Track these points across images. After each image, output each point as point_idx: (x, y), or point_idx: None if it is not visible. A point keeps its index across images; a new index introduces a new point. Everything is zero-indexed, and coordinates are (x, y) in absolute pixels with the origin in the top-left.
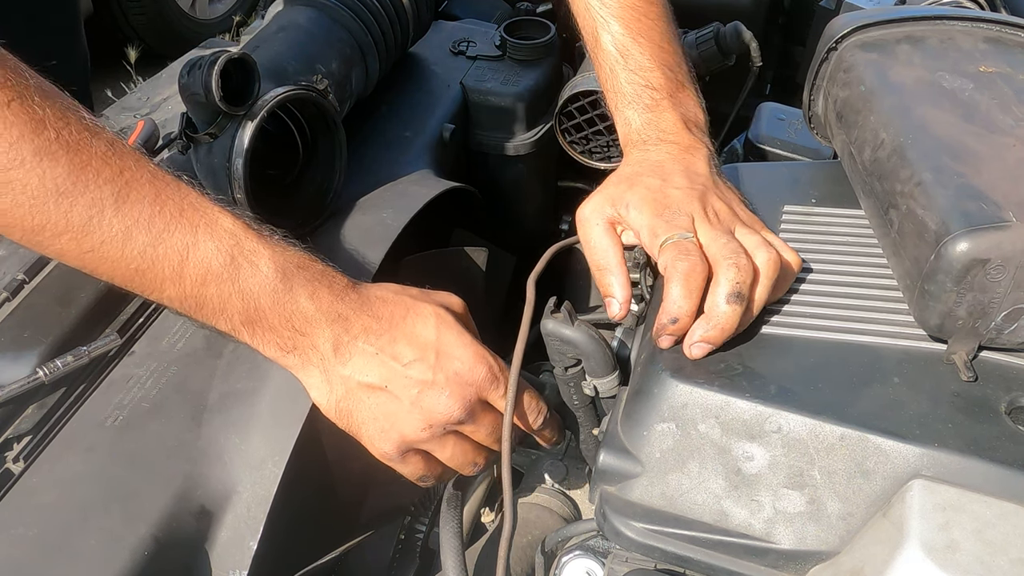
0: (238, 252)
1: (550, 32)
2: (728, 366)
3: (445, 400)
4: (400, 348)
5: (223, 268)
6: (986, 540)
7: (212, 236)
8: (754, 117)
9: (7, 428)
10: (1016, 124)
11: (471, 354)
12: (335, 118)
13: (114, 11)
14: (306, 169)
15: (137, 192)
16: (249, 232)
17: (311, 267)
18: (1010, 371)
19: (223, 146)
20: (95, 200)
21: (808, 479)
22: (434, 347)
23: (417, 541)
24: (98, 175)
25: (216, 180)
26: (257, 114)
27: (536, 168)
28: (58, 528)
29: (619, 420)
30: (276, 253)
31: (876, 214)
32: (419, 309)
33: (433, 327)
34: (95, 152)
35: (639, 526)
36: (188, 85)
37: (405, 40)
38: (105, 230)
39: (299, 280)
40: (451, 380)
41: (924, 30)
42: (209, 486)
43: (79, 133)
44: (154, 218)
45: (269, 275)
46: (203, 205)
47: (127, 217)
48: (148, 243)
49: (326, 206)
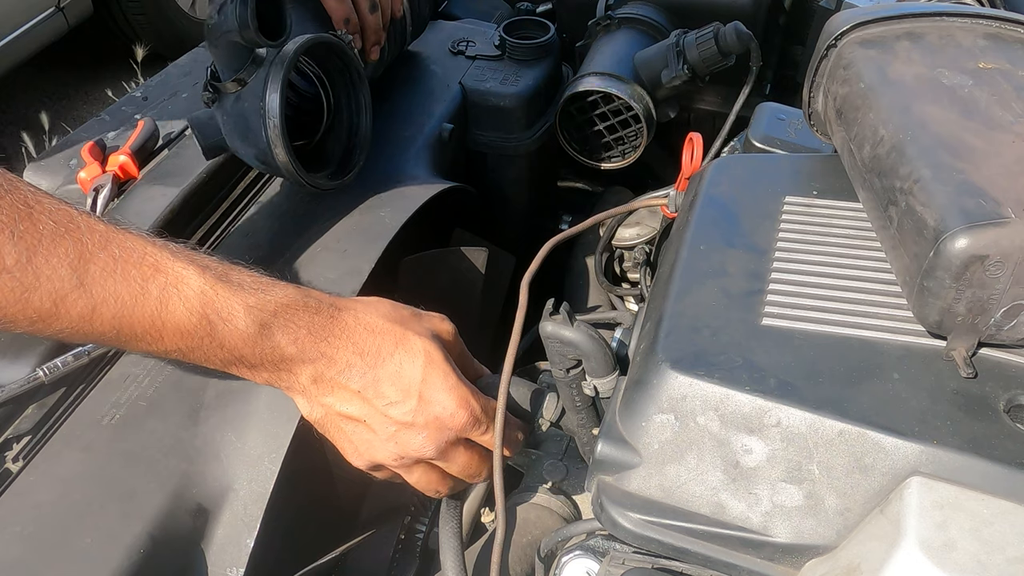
0: (211, 311)
1: (550, 32)
2: (728, 358)
3: (421, 440)
4: (383, 388)
5: (198, 328)
6: (983, 539)
7: (181, 299)
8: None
9: (7, 428)
10: (1015, 120)
11: (454, 399)
12: (359, 69)
13: (114, 11)
14: (331, 129)
15: (95, 265)
16: (218, 287)
17: (289, 310)
18: (1009, 369)
19: (253, 90)
20: (55, 286)
21: (806, 473)
22: (417, 390)
23: (417, 541)
24: (50, 258)
25: (248, 126)
26: (290, 52)
27: (535, 168)
28: (55, 527)
29: (617, 410)
30: (250, 306)
31: (875, 210)
32: (408, 345)
33: (420, 367)
34: (42, 231)
35: (636, 517)
36: (219, 24)
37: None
38: (72, 312)
39: (277, 326)
40: (430, 424)
41: (923, 27)
42: (206, 484)
43: (20, 212)
44: (118, 292)
45: (246, 328)
46: (165, 264)
47: (92, 296)
48: (117, 316)
49: (355, 160)
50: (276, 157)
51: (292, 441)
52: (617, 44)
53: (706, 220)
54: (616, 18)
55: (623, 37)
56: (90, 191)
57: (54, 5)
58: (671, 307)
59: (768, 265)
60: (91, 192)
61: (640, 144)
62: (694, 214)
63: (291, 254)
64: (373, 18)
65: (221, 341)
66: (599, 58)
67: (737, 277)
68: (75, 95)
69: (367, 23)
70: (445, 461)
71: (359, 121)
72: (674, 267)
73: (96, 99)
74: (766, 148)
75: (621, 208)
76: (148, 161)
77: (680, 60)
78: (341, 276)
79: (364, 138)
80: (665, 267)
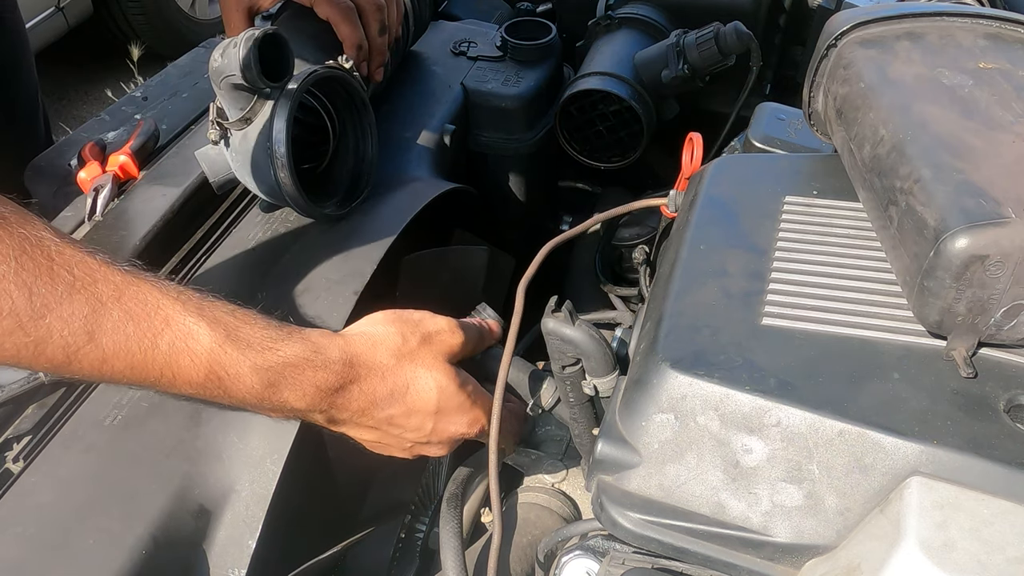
0: (220, 369)
1: (551, 33)
2: (728, 358)
3: (435, 450)
4: (398, 421)
5: (207, 381)
6: (983, 539)
7: (191, 357)
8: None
9: (7, 428)
10: (1016, 120)
11: (467, 420)
12: (363, 97)
13: (114, 11)
14: (336, 154)
15: (108, 320)
16: (226, 345)
17: (296, 370)
18: (1009, 368)
19: (259, 129)
20: (68, 343)
21: (806, 473)
22: (432, 420)
23: (417, 541)
24: (62, 312)
25: (255, 165)
26: (293, 91)
27: (536, 168)
28: (57, 528)
29: (617, 410)
30: (257, 366)
31: (875, 210)
32: (419, 383)
33: (434, 400)
34: (58, 289)
35: (636, 516)
36: (222, 68)
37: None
38: (84, 363)
39: (285, 385)
40: (444, 442)
41: (924, 26)
42: (208, 485)
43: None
44: (130, 345)
45: (254, 386)
46: (175, 320)
47: (103, 350)
48: (130, 367)
49: (362, 187)
50: (286, 194)
51: (294, 442)
52: (617, 44)
53: (706, 220)
54: (616, 18)
55: (623, 37)
56: (90, 191)
57: (54, 5)
58: (671, 307)
59: (768, 265)
60: (91, 192)
61: (640, 144)
62: (694, 214)
63: (292, 255)
64: (381, 40)
65: (230, 393)
66: (599, 58)
67: (737, 277)
68: (75, 95)
69: (375, 46)
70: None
71: (365, 146)
72: (674, 267)
73: (96, 99)
74: (766, 148)
75: (621, 208)
76: (148, 161)
77: (680, 60)
78: (343, 277)
79: (371, 163)
80: (665, 267)
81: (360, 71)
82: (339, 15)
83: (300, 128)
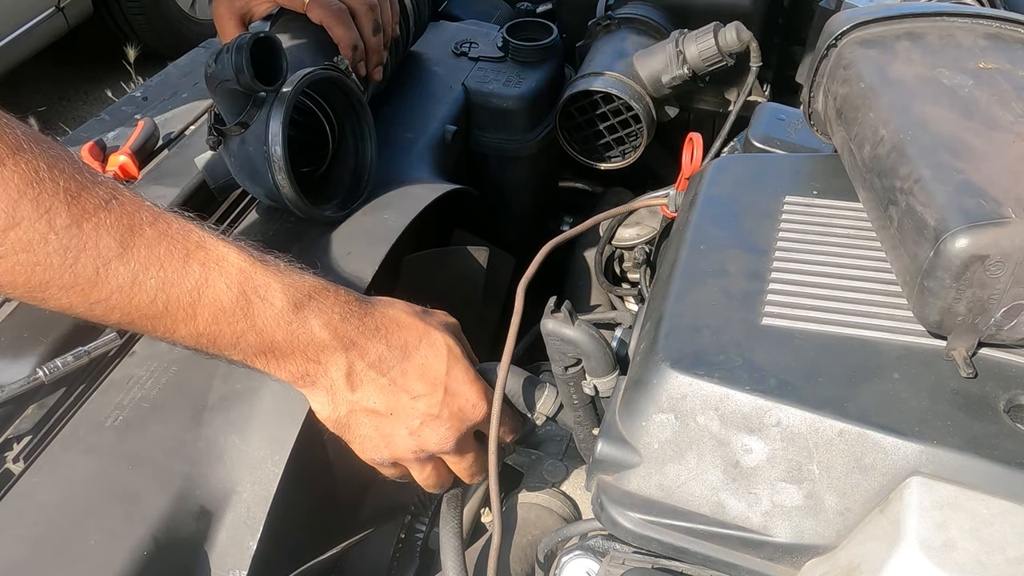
0: (249, 288)
1: (552, 34)
2: (728, 358)
3: (443, 433)
4: (411, 381)
5: (235, 305)
6: (983, 539)
7: (222, 274)
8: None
9: (7, 428)
10: (1015, 120)
11: (476, 392)
12: (360, 98)
13: (114, 11)
14: (336, 156)
15: (141, 238)
16: (257, 265)
17: (323, 294)
18: (1009, 368)
19: (256, 133)
20: (100, 252)
21: (806, 473)
22: (443, 383)
23: (417, 541)
24: (100, 225)
25: (253, 169)
26: (288, 94)
27: (537, 169)
28: (58, 528)
29: (617, 410)
30: (287, 284)
31: (875, 210)
32: (431, 339)
33: (444, 362)
34: (95, 201)
35: (636, 516)
36: (217, 73)
37: (407, 36)
38: (112, 281)
39: (312, 309)
40: (453, 415)
41: (924, 26)
42: (209, 486)
43: (76, 182)
44: (162, 263)
45: (282, 308)
46: (209, 243)
47: (134, 265)
48: (158, 288)
49: (363, 189)
50: (285, 197)
51: (296, 444)
52: (617, 44)
53: (706, 220)
54: (616, 18)
55: (623, 37)
56: None
57: (54, 5)
58: (671, 307)
59: (768, 265)
60: None
61: (640, 144)
62: (694, 214)
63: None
64: (376, 40)
65: (255, 321)
66: (599, 58)
67: (737, 277)
68: (75, 95)
69: (371, 46)
70: (459, 456)
71: (364, 148)
72: (674, 267)
73: (96, 99)
74: (766, 148)
75: (621, 208)
76: (148, 161)
77: (680, 60)
78: (345, 279)
79: (371, 164)
80: (665, 267)
81: (358, 72)
82: (332, 17)
83: (299, 131)
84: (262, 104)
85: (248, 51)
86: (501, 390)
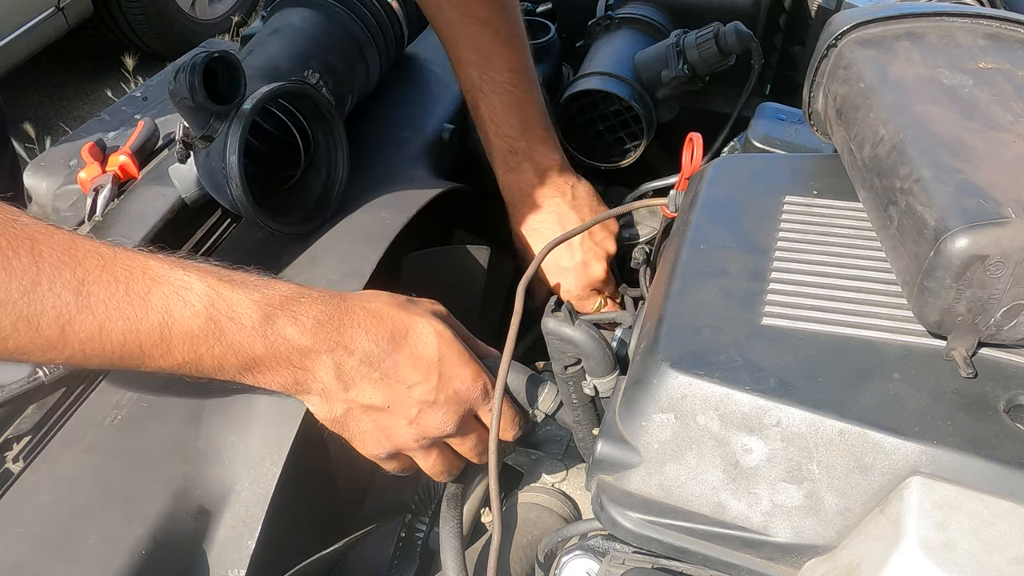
0: (216, 311)
1: (550, 33)
2: (728, 358)
3: (442, 417)
4: (404, 371)
5: (206, 331)
6: (983, 539)
7: (186, 304)
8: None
9: (7, 428)
10: (1016, 120)
11: (470, 373)
12: (330, 111)
13: (114, 11)
14: (309, 167)
15: (98, 287)
16: (222, 286)
17: (295, 301)
18: (1009, 368)
19: (218, 148)
20: (59, 313)
21: (806, 473)
22: (436, 368)
23: (417, 541)
24: (52, 285)
25: (216, 182)
26: (246, 111)
27: None
28: (57, 528)
29: (617, 410)
30: (256, 299)
31: (875, 210)
32: (418, 327)
33: (435, 347)
34: (44, 260)
35: (636, 516)
36: (176, 90)
37: (401, 37)
38: (80, 335)
39: (285, 318)
40: (450, 399)
41: (924, 27)
42: (207, 485)
43: (21, 244)
44: (123, 307)
45: (254, 323)
46: (167, 275)
47: (97, 315)
48: (126, 331)
49: (332, 201)
50: (243, 210)
51: (294, 442)
52: (617, 44)
53: (706, 220)
54: (616, 18)
55: (623, 37)
56: (90, 191)
57: (54, 5)
58: (671, 307)
59: (768, 265)
60: (91, 192)
61: (640, 144)
62: (694, 214)
63: (292, 255)
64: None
65: (230, 342)
66: (599, 58)
67: (737, 277)
68: (75, 95)
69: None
70: (461, 437)
71: (336, 156)
72: (674, 267)
73: (96, 99)
74: (766, 148)
75: (621, 208)
76: (148, 161)
77: (680, 60)
78: (342, 278)
79: (342, 176)
80: (665, 267)
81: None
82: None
83: (270, 143)
84: (226, 117)
85: (201, 71)
86: (502, 387)
